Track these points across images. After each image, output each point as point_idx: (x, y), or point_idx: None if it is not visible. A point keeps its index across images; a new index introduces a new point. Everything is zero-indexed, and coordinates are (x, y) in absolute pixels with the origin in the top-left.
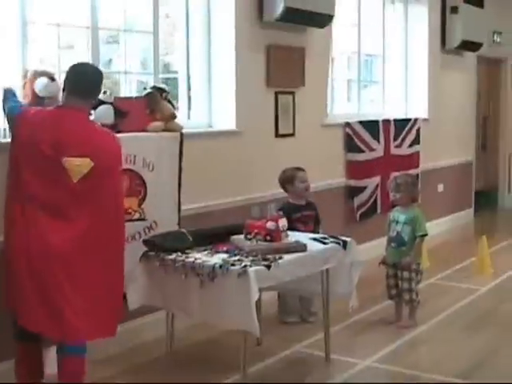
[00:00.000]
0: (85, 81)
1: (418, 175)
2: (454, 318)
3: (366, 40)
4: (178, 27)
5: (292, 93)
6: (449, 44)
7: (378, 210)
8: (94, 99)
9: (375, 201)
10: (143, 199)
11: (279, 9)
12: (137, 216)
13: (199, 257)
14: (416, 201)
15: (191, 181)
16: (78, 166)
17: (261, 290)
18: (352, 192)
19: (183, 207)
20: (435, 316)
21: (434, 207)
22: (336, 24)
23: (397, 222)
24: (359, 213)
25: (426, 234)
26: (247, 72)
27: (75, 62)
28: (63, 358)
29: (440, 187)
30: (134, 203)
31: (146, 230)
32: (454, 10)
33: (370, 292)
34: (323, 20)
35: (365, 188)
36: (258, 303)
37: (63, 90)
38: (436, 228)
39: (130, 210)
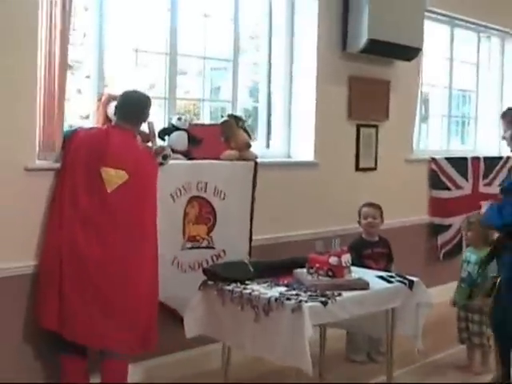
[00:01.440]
0: (132, 106)
1: None
2: None
3: (459, 75)
4: (261, 56)
5: (375, 126)
6: None
7: (463, 250)
8: (141, 122)
9: (460, 240)
10: (212, 227)
11: (363, 40)
12: (205, 244)
13: (257, 289)
14: (488, 242)
15: (267, 211)
16: (114, 176)
17: (324, 327)
18: (436, 230)
19: (256, 237)
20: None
21: None
22: (428, 57)
23: (468, 263)
24: (443, 251)
25: (499, 276)
26: (328, 103)
27: (126, 90)
28: (105, 360)
29: None
30: (202, 231)
31: (214, 258)
32: None
33: (442, 334)
34: (410, 53)
35: (450, 226)
36: (322, 339)
37: (114, 113)
38: None
39: (198, 238)
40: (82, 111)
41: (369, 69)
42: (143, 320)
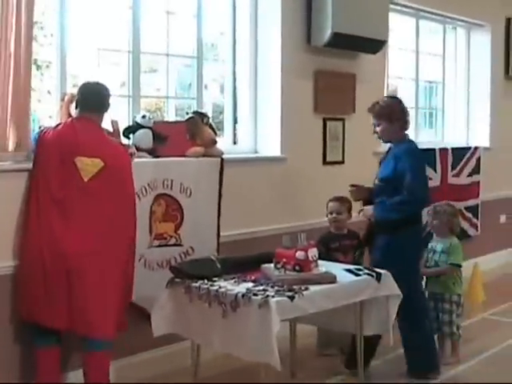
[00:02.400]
0: (93, 96)
1: (477, 205)
2: (501, 357)
3: (426, 67)
4: (224, 51)
5: (342, 119)
6: None
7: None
8: (104, 112)
9: (429, 231)
10: (180, 224)
11: (327, 34)
12: (173, 241)
13: (224, 285)
14: (454, 232)
15: (235, 207)
16: (89, 165)
17: (294, 323)
18: None
19: (224, 233)
20: (481, 353)
21: (496, 238)
22: (394, 50)
23: (434, 252)
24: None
25: (459, 265)
26: (294, 97)
27: (85, 82)
28: (87, 354)
29: (502, 218)
30: (170, 228)
31: (182, 256)
32: None
33: None
34: (375, 46)
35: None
36: (293, 335)
37: (76, 106)
38: (497, 260)
39: (165, 235)
40: (51, 111)
41: (334, 62)
42: (117, 305)
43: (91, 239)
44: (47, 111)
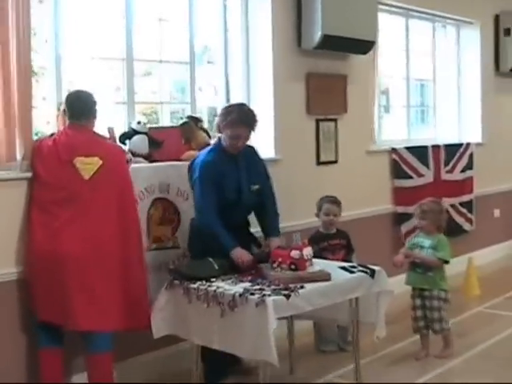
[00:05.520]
0: (81, 104)
1: (471, 201)
2: (494, 350)
3: (416, 65)
4: (216, 55)
5: (334, 120)
6: (503, 67)
7: None
8: (93, 118)
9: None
10: (177, 228)
11: (317, 36)
12: (170, 244)
13: (222, 285)
14: (441, 229)
15: None
16: (89, 164)
17: (292, 320)
18: (399, 219)
19: None
20: (474, 347)
21: (490, 233)
22: (385, 49)
23: (422, 247)
24: (407, 240)
25: (447, 261)
26: (287, 100)
27: (70, 91)
28: (89, 355)
29: (496, 212)
30: (167, 231)
31: (181, 259)
32: (507, 32)
33: (409, 322)
34: (364, 46)
35: (413, 214)
36: (291, 332)
37: (65, 115)
38: (492, 254)
39: (163, 238)
40: (47, 118)
41: (325, 64)
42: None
43: (92, 235)
44: (43, 118)
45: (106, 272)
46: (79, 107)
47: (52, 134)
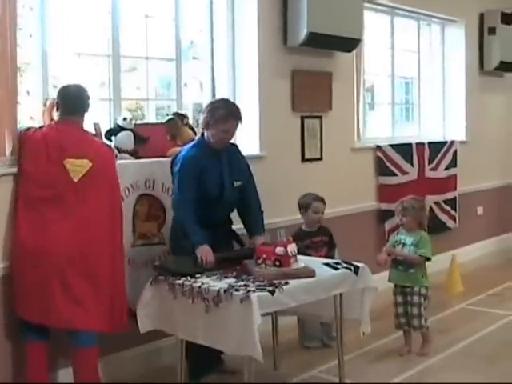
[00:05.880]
0: (73, 99)
1: (455, 198)
2: (476, 346)
3: (401, 63)
4: (202, 51)
5: (319, 117)
6: (487, 65)
7: None
8: (85, 113)
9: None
10: (163, 224)
11: (302, 34)
12: (156, 240)
13: (207, 281)
14: (423, 226)
15: None
16: (78, 166)
17: (276, 316)
18: (383, 216)
19: None
20: (456, 343)
21: (473, 230)
22: (370, 47)
23: (404, 245)
24: (391, 237)
25: (429, 258)
26: (272, 97)
27: (63, 85)
28: (75, 350)
29: (480, 210)
30: (153, 227)
31: (166, 255)
32: (492, 30)
33: (392, 318)
34: (350, 44)
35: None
36: (275, 328)
37: (57, 110)
38: (475, 252)
39: (149, 235)
40: (31, 113)
41: (310, 61)
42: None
43: (79, 235)
44: (27, 113)
45: (93, 272)
46: (74, 103)
47: (41, 127)
